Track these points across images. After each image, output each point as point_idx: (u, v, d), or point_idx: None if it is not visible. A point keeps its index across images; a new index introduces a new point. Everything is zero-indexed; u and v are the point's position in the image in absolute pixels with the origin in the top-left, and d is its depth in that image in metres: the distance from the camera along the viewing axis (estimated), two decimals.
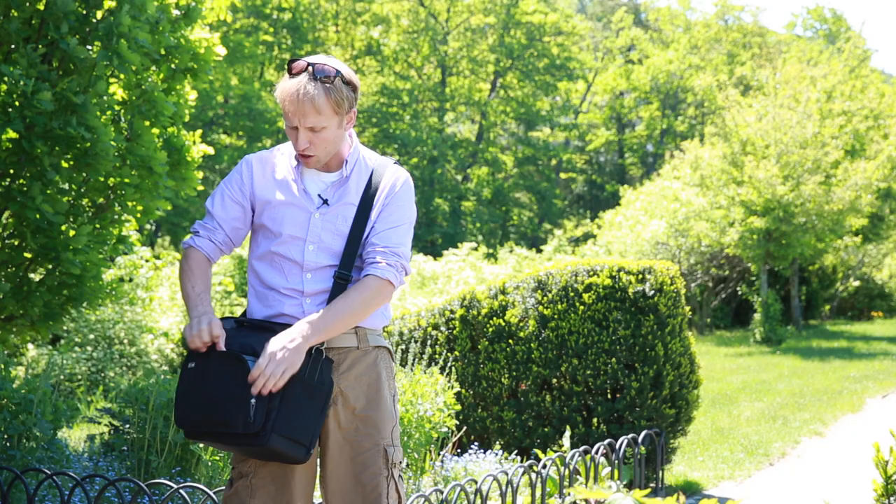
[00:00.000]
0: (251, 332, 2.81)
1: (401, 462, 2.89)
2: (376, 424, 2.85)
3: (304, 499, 2.88)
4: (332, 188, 2.91)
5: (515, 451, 6.26)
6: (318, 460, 2.91)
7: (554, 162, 40.92)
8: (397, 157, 36.74)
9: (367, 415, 2.84)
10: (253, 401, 2.65)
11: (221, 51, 5.98)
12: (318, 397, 2.76)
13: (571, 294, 6.27)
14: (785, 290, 22.46)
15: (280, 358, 2.68)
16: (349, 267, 2.86)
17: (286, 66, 2.84)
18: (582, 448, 5.40)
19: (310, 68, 2.79)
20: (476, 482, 4.54)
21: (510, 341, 6.34)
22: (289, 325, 2.80)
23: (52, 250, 5.04)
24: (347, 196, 2.90)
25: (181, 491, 3.76)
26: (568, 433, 5.85)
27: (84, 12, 4.98)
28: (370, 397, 2.86)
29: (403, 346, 6.67)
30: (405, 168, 3.02)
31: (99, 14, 5.06)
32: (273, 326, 2.80)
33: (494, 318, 6.41)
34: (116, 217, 5.62)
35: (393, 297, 16.49)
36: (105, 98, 5.05)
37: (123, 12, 4.86)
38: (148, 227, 27.06)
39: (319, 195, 2.90)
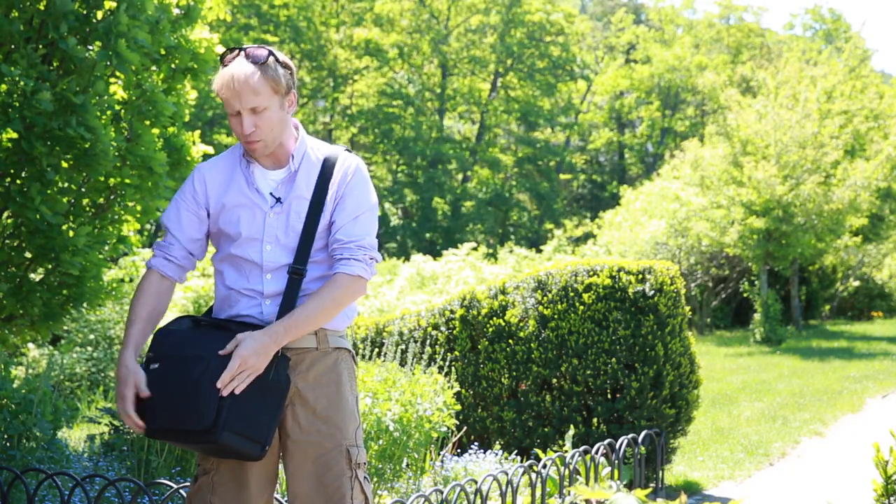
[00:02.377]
0: (207, 332, 2.81)
1: (365, 463, 2.87)
2: (338, 425, 2.83)
3: (264, 497, 2.88)
4: (282, 185, 2.90)
5: (515, 451, 6.25)
6: (281, 460, 2.91)
7: (554, 162, 40.91)
8: (397, 156, 36.78)
9: (328, 416, 2.83)
10: (207, 399, 2.66)
11: (221, 51, 5.98)
12: (273, 394, 2.75)
13: (571, 294, 6.27)
14: (785, 290, 22.45)
15: (251, 364, 2.69)
16: (304, 261, 2.84)
17: (220, 60, 2.86)
18: (582, 448, 5.40)
19: (242, 53, 2.82)
20: (476, 482, 4.54)
21: (510, 341, 6.34)
22: (246, 324, 2.80)
23: (52, 251, 5.04)
24: (298, 190, 2.88)
25: (181, 491, 3.76)
26: (570, 432, 5.84)
27: (84, 12, 4.98)
28: (331, 398, 2.84)
29: (403, 346, 6.67)
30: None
31: (99, 14, 5.05)
32: (229, 326, 2.80)
33: (494, 318, 6.41)
34: (116, 217, 5.61)
35: (392, 296, 16.28)
36: (105, 98, 5.04)
37: (121, 11, 4.85)
38: (148, 227, 27.04)
39: (272, 193, 2.89)
